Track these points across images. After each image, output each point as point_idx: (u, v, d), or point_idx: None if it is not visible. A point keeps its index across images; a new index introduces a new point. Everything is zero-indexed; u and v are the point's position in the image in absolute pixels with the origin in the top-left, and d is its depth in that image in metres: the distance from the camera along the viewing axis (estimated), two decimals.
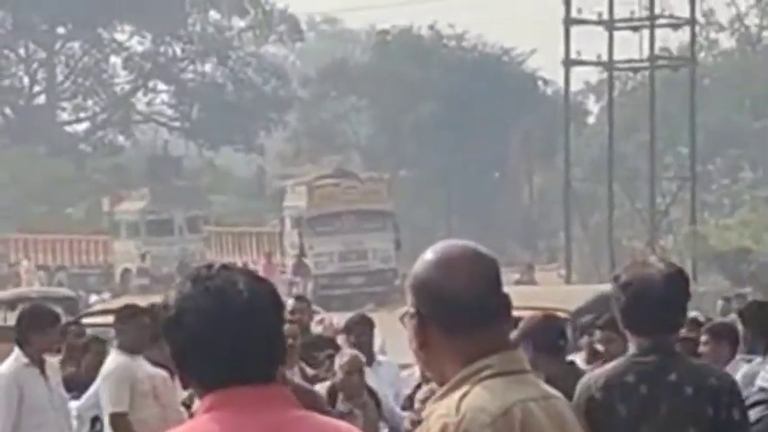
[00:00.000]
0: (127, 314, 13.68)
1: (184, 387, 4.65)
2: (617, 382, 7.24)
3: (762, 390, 8.28)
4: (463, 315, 4.89)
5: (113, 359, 13.19)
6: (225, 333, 4.51)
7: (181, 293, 4.58)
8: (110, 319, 15.68)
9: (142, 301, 17.31)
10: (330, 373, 13.76)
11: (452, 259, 4.96)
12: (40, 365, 12.55)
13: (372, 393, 12.73)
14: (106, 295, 54.20)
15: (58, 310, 15.82)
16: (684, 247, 59.73)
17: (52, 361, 13.31)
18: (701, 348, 13.46)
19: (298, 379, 12.24)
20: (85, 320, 19.30)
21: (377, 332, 15.69)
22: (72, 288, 44.16)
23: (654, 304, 7.23)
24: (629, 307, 7.30)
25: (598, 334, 12.69)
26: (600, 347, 12.57)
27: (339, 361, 12.88)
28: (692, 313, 14.34)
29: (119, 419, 12.61)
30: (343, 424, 4.82)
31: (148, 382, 12.79)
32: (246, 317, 4.53)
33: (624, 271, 7.98)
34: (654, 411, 7.13)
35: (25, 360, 12.52)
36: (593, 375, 7.62)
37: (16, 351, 12.72)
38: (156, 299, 17.61)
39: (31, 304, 15.79)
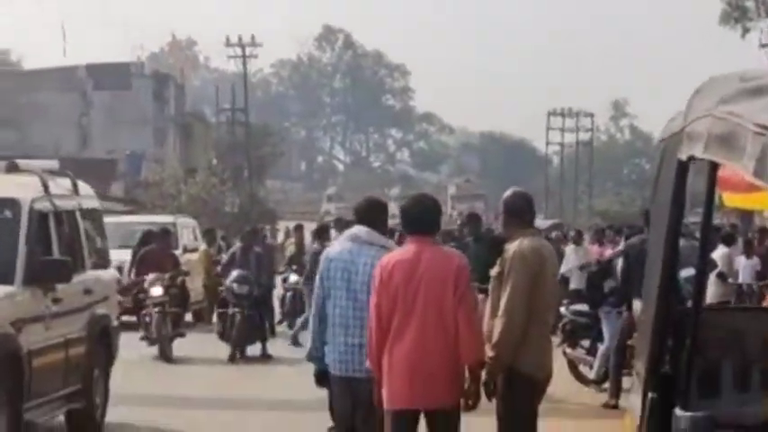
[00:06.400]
0: None
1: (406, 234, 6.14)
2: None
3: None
4: (526, 216, 6.57)
5: None
6: (415, 214, 6.19)
7: (405, 202, 6.36)
8: None
9: None
10: None
11: (517, 192, 6.66)
12: None
13: None
14: None
15: None
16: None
17: None
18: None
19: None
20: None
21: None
22: None
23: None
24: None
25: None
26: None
27: None
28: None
29: None
30: (457, 252, 6.25)
31: None
32: (423, 211, 6.22)
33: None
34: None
35: None
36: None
37: None
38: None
39: None
